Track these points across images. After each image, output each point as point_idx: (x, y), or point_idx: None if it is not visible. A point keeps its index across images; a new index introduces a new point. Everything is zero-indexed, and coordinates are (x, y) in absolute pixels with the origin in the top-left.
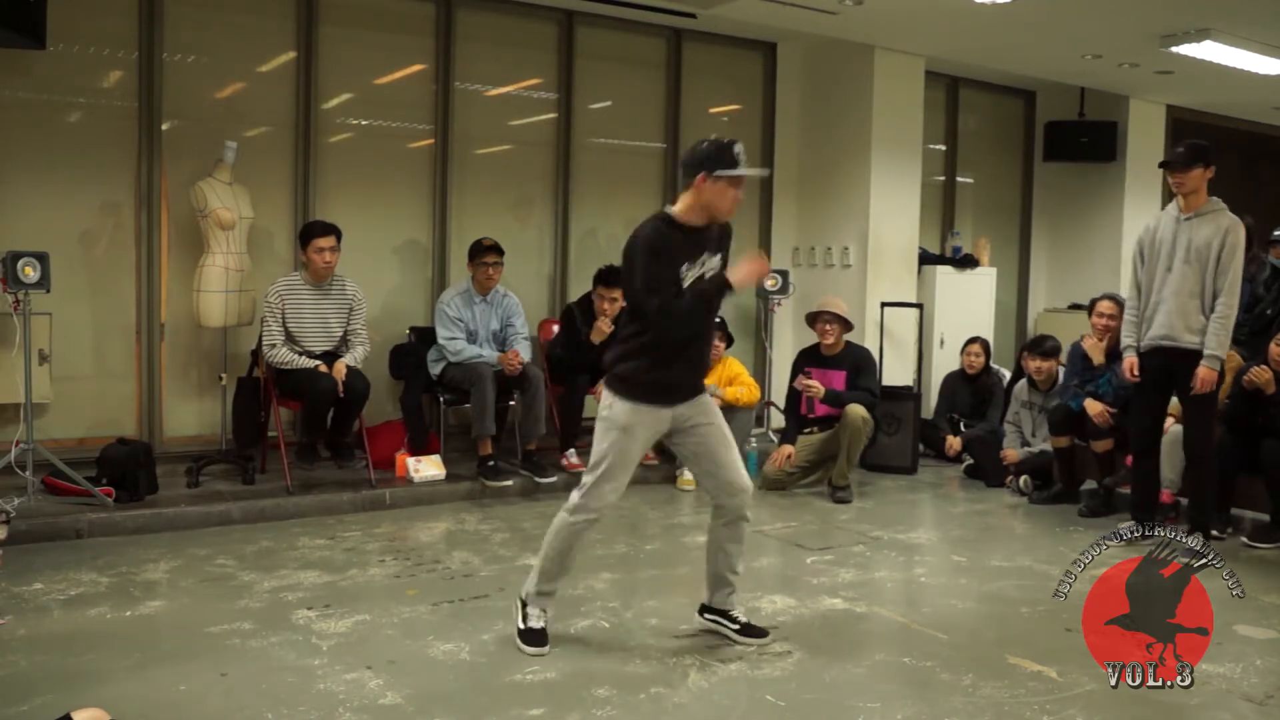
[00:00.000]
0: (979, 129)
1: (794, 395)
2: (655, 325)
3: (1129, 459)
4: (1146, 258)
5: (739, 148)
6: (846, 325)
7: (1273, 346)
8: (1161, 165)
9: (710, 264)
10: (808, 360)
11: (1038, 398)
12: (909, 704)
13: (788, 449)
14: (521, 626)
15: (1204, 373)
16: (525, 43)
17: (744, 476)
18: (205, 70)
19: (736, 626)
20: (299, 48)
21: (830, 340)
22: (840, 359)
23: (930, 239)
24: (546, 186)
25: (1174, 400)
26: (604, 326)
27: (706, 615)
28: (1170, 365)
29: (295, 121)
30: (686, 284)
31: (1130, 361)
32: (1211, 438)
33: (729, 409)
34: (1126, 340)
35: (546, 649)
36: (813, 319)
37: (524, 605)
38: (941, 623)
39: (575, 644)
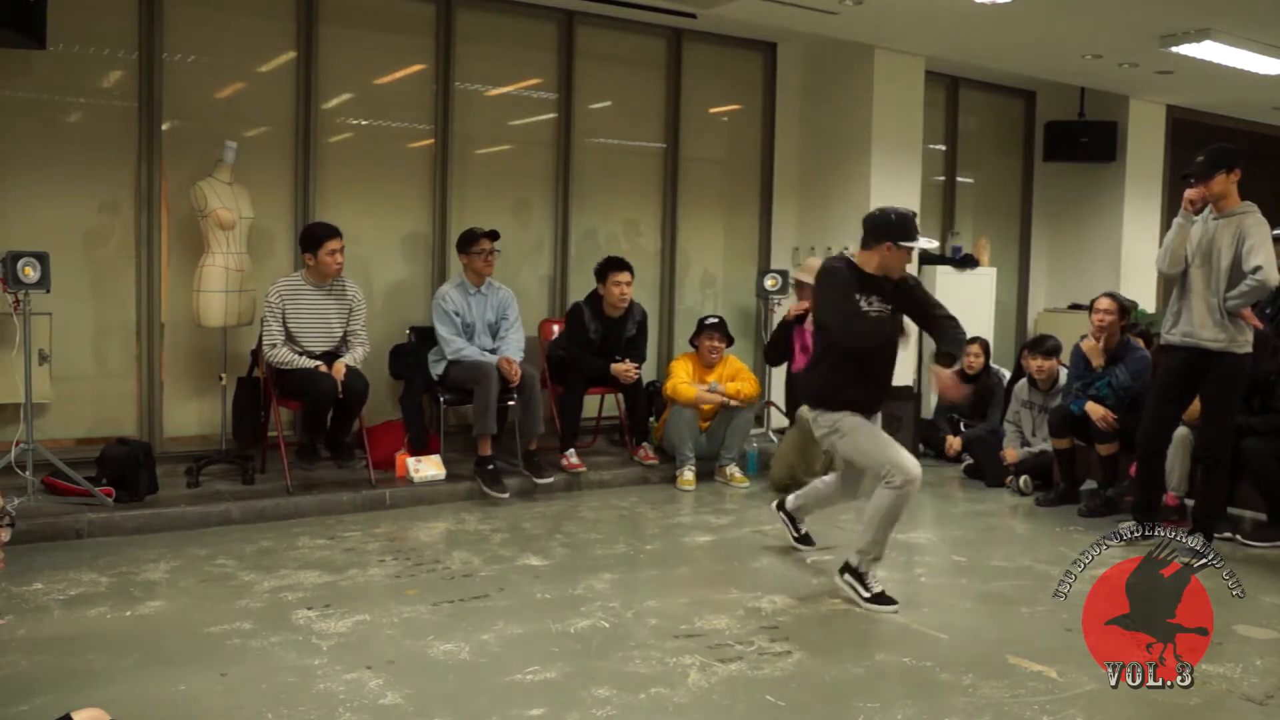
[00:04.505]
0: (979, 129)
1: (783, 329)
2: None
3: (1133, 468)
4: (1188, 257)
5: (917, 219)
6: None
7: None
8: (1183, 178)
9: (878, 306)
10: (785, 324)
11: (1038, 397)
12: (909, 704)
13: None
14: (866, 595)
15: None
16: (525, 43)
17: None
18: (205, 70)
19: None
20: (299, 48)
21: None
22: None
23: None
24: (546, 186)
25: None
26: (631, 373)
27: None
28: (1191, 367)
29: (295, 121)
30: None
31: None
32: (1230, 441)
33: (729, 409)
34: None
35: (898, 604)
36: (798, 289)
37: (860, 577)
38: (941, 623)
39: (575, 644)
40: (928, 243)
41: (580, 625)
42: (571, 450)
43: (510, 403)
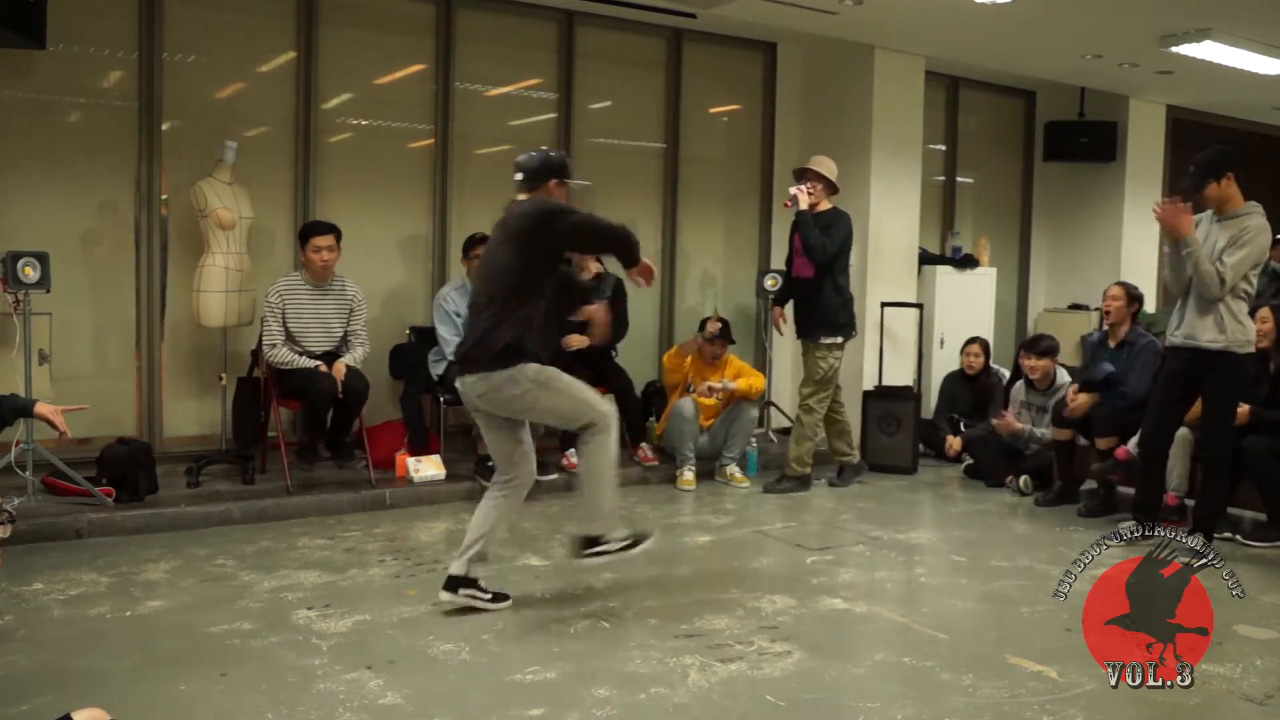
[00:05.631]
0: (979, 129)
1: (789, 256)
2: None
3: (1119, 450)
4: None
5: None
6: (831, 187)
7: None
8: (1173, 194)
9: None
10: (794, 226)
11: (1036, 398)
12: (909, 704)
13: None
14: (621, 537)
15: (1182, 219)
16: (525, 43)
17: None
18: (205, 70)
19: (489, 596)
20: (299, 48)
21: (813, 200)
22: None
23: (930, 239)
24: None
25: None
26: (574, 341)
27: (462, 591)
28: (1191, 368)
29: (295, 121)
30: None
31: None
32: (1229, 441)
33: (739, 402)
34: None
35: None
36: (799, 176)
37: (600, 541)
38: (941, 623)
39: (575, 644)
40: (582, 183)
41: (580, 625)
42: (573, 450)
43: None
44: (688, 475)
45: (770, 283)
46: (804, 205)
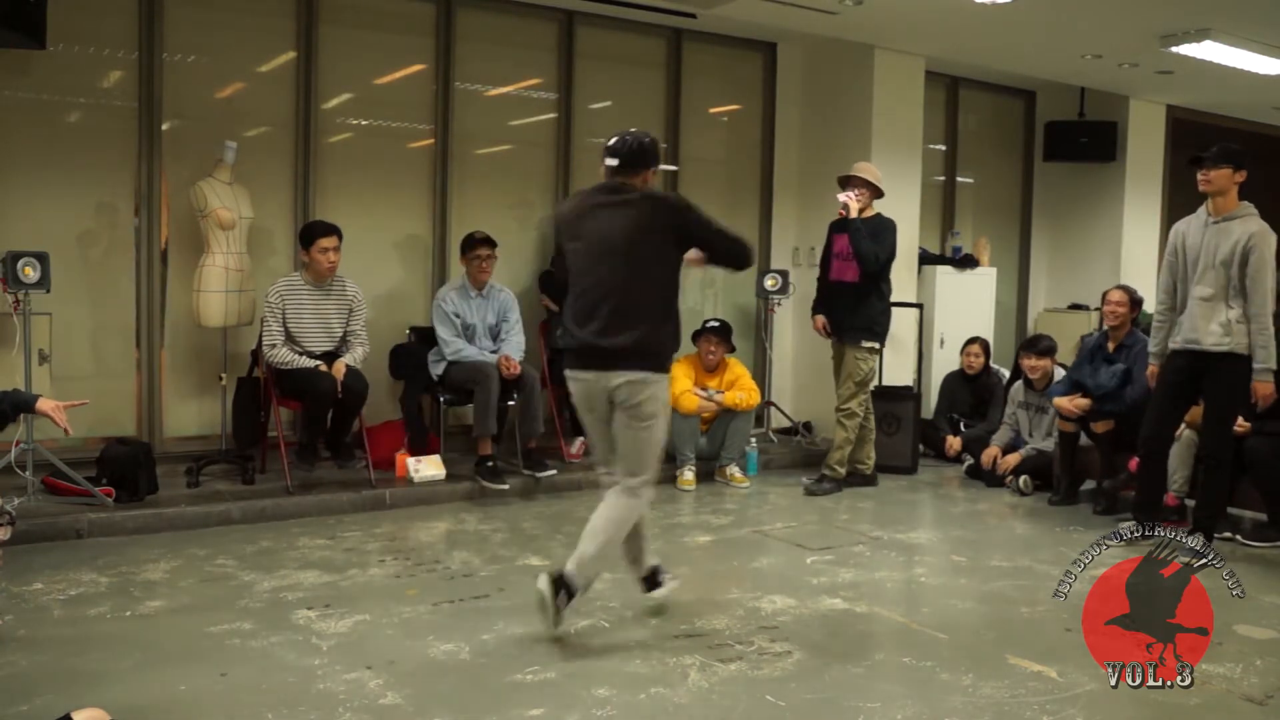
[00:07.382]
0: (979, 129)
1: (825, 258)
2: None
3: (1132, 463)
4: (1175, 264)
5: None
6: (876, 192)
7: None
8: (1191, 161)
9: None
10: (834, 229)
11: (1035, 398)
12: (909, 704)
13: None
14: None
15: (1260, 387)
16: (525, 43)
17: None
18: (205, 70)
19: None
20: (299, 48)
21: (860, 205)
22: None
23: (930, 239)
24: (546, 186)
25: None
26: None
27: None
28: (1193, 369)
29: (295, 121)
30: None
31: (1151, 371)
32: (1230, 443)
33: (728, 413)
34: (1152, 347)
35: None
36: (843, 183)
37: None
38: (941, 623)
39: (575, 644)
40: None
41: (580, 625)
42: (579, 440)
43: (510, 403)
44: (688, 475)
45: (770, 283)
46: (854, 214)
